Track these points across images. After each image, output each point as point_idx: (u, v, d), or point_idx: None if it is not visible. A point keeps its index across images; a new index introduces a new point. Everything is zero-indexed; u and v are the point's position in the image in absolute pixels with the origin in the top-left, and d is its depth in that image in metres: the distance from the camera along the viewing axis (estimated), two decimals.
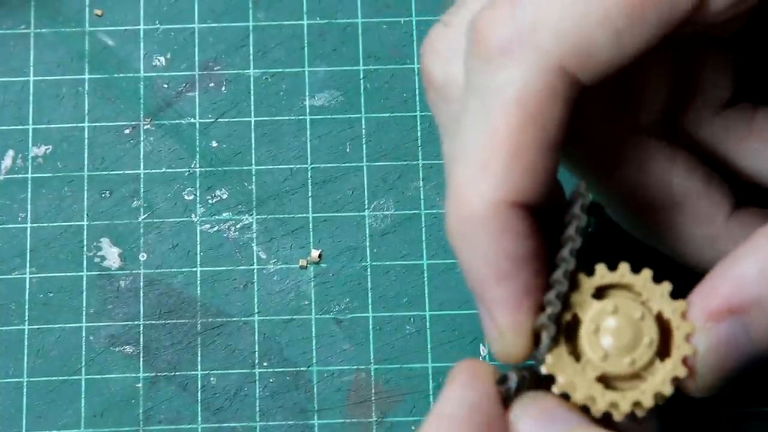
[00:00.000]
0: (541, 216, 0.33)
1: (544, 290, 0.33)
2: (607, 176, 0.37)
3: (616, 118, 0.37)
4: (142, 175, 0.46)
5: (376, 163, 0.47)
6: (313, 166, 0.47)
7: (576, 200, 0.33)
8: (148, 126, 0.47)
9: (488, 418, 0.32)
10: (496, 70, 0.32)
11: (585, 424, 0.32)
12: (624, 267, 0.34)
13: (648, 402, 0.33)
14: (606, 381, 0.33)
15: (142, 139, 0.47)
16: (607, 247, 0.42)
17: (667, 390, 0.33)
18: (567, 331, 0.33)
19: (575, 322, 0.33)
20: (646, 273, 0.33)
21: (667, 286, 0.33)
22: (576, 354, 0.33)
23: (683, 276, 0.35)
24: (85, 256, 0.46)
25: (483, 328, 0.34)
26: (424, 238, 0.46)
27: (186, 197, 0.46)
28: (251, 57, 0.48)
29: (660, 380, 0.33)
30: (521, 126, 0.32)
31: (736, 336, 0.32)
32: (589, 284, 0.33)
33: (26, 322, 0.45)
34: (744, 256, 0.32)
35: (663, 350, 0.33)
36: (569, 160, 0.37)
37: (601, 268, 0.34)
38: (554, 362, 0.33)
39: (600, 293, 0.34)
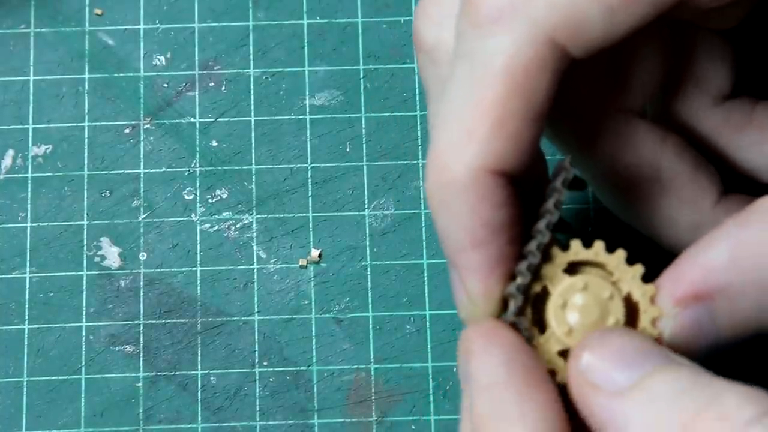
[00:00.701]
0: (521, 186, 0.33)
1: (517, 259, 0.33)
2: (595, 153, 0.37)
3: (607, 96, 0.37)
4: (142, 175, 0.46)
5: (376, 163, 0.47)
6: (313, 165, 0.47)
7: (559, 174, 0.33)
8: (148, 125, 0.47)
9: (528, 368, 0.32)
10: (486, 37, 0.32)
11: (668, 363, 0.31)
12: (599, 245, 0.34)
13: None
14: (568, 354, 0.33)
15: (142, 138, 0.47)
16: (600, 229, 0.42)
17: None
18: (535, 302, 0.33)
19: (545, 295, 0.33)
20: (620, 253, 0.33)
21: (639, 269, 0.33)
22: (542, 325, 0.33)
23: (662, 260, 0.35)
24: (85, 255, 0.46)
25: (453, 292, 0.34)
26: (424, 238, 0.46)
27: (186, 197, 0.46)
28: (251, 56, 0.48)
29: None
30: (508, 94, 0.32)
31: (701, 322, 0.32)
32: (562, 259, 0.33)
33: (26, 322, 0.45)
34: (714, 242, 0.32)
35: (628, 324, 0.33)
36: (557, 133, 0.38)
37: (575, 244, 0.34)
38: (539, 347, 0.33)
39: (573, 269, 0.34)
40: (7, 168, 0.46)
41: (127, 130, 0.47)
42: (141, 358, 0.45)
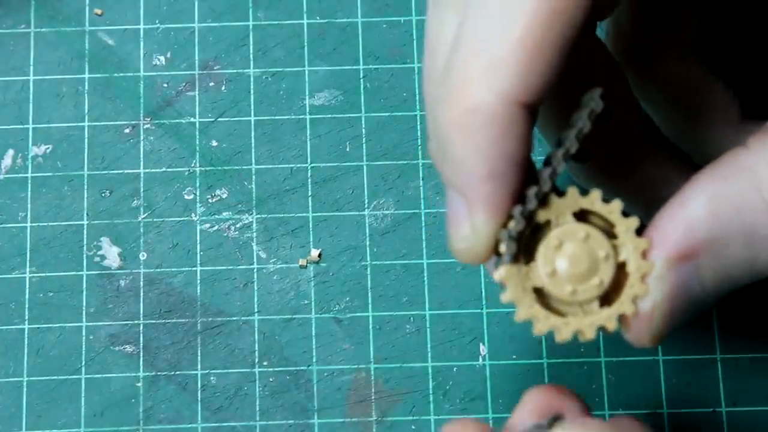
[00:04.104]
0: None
1: (518, 199, 0.33)
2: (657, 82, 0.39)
3: (659, 35, 0.39)
4: (142, 175, 0.46)
5: (376, 163, 0.47)
6: (313, 165, 0.47)
7: (586, 105, 0.32)
8: (148, 125, 0.47)
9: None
10: None
11: None
12: (595, 194, 0.33)
13: (590, 334, 0.33)
14: (547, 296, 0.33)
15: (142, 138, 0.47)
16: None
17: (612, 325, 0.33)
18: (534, 231, 0.33)
19: (545, 227, 0.33)
20: (616, 204, 0.33)
21: (634, 222, 0.33)
22: (529, 253, 0.33)
23: None
24: (85, 255, 0.46)
25: (451, 224, 0.33)
26: (423, 238, 0.46)
27: (186, 196, 0.46)
28: (251, 56, 0.48)
29: (607, 315, 0.33)
30: (545, 24, 0.31)
31: (688, 282, 0.32)
32: (562, 205, 0.33)
33: (26, 322, 0.45)
34: (690, 198, 0.32)
35: (612, 290, 0.33)
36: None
37: (573, 192, 0.33)
38: (506, 275, 0.33)
39: (582, 216, 0.33)
40: (7, 168, 0.46)
41: (127, 130, 0.47)
42: (141, 358, 0.45)
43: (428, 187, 0.46)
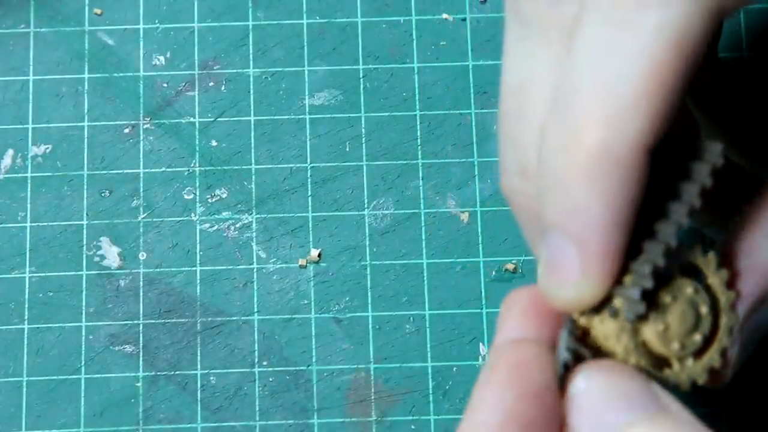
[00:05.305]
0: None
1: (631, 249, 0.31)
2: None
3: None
4: (141, 175, 0.46)
5: (376, 163, 0.47)
6: (312, 165, 0.47)
7: (704, 158, 0.31)
8: (148, 125, 0.47)
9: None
10: (654, 8, 0.30)
11: (651, 412, 0.30)
12: (697, 247, 0.33)
13: (685, 387, 0.32)
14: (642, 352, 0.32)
15: (141, 138, 0.47)
16: None
17: (702, 379, 0.32)
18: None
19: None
20: (711, 257, 0.33)
21: (725, 274, 0.33)
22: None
23: None
24: (84, 255, 0.46)
25: (554, 269, 0.32)
26: (423, 238, 0.46)
27: (185, 196, 0.46)
28: (251, 56, 0.48)
29: (699, 368, 0.32)
30: (676, 69, 0.30)
31: (762, 324, 0.32)
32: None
33: (26, 322, 0.45)
34: (761, 243, 0.32)
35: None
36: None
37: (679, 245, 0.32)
38: (619, 330, 0.32)
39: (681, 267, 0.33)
40: (7, 168, 0.46)
41: (126, 130, 0.47)
42: (141, 358, 0.45)
43: (428, 187, 0.46)
